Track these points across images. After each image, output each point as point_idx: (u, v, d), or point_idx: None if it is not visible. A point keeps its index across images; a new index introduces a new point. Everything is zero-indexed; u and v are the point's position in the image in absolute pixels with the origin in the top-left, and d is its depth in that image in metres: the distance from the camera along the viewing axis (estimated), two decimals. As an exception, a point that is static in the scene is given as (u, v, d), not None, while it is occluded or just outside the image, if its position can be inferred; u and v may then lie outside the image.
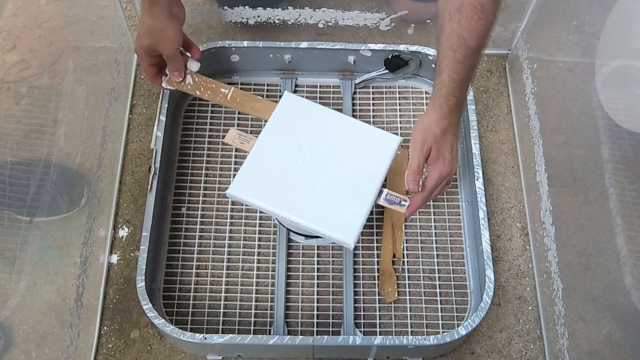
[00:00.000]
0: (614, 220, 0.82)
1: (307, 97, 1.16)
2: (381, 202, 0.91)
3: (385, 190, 0.91)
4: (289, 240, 1.05)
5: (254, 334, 0.98)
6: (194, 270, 1.03)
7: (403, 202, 0.90)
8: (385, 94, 1.17)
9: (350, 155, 0.93)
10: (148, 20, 0.90)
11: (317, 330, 0.99)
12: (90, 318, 0.99)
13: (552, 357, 0.97)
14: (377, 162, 0.92)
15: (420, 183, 0.87)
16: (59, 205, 0.96)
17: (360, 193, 0.90)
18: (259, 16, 1.17)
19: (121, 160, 1.12)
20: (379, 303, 1.01)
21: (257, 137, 0.94)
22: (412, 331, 0.99)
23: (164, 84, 0.99)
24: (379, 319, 1.00)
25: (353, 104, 1.15)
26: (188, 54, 0.98)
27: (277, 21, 1.18)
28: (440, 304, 1.01)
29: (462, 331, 0.91)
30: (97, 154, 1.04)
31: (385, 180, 0.94)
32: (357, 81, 1.16)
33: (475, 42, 0.81)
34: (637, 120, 0.80)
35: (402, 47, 1.11)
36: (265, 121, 0.96)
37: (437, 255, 1.04)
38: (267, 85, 1.17)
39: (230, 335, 0.89)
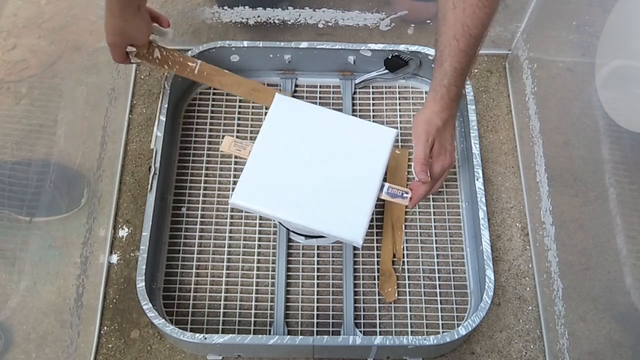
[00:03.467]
0: (614, 220, 0.82)
1: (307, 97, 1.16)
2: (383, 196, 0.91)
3: (387, 184, 0.91)
4: (289, 240, 1.04)
5: (254, 334, 0.98)
6: (194, 270, 1.03)
7: (405, 195, 0.90)
8: (385, 94, 1.17)
9: (348, 152, 0.93)
10: (118, 22, 0.90)
11: (317, 330, 0.99)
12: (90, 318, 0.99)
13: (552, 357, 0.97)
14: (375, 157, 0.92)
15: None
16: (59, 205, 0.96)
17: (362, 189, 0.90)
18: (259, 16, 1.17)
19: (121, 160, 1.12)
20: (379, 303, 1.01)
21: (253, 142, 0.94)
22: (412, 331, 0.99)
23: (131, 59, 0.98)
24: (379, 319, 1.00)
25: (353, 104, 1.15)
26: (156, 25, 0.98)
27: (277, 21, 1.18)
28: (440, 304, 1.01)
29: (462, 331, 0.91)
30: (97, 154, 1.04)
31: (385, 177, 0.94)
32: (357, 81, 1.16)
33: (478, 30, 0.81)
34: (637, 120, 0.80)
35: (402, 47, 1.11)
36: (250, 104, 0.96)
37: (437, 255, 1.04)
38: (267, 85, 1.17)
39: (230, 335, 0.89)
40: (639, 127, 0.80)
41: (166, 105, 1.06)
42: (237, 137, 1.07)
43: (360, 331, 0.98)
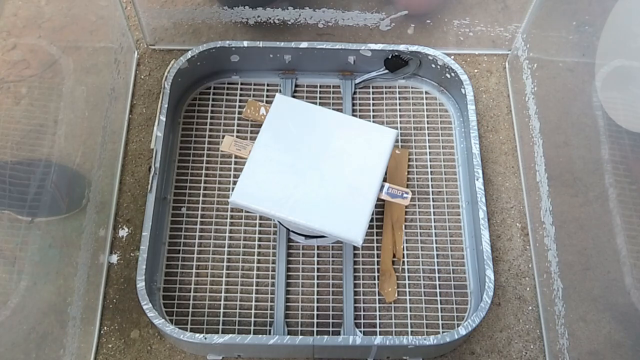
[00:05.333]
0: (614, 220, 0.82)
1: (307, 97, 1.16)
2: (383, 196, 0.91)
3: (387, 184, 0.91)
4: (289, 240, 1.05)
5: (254, 334, 0.98)
6: (194, 270, 1.03)
7: (405, 195, 0.91)
8: (385, 94, 1.17)
9: (348, 152, 0.93)
10: None
11: (317, 330, 0.99)
12: (90, 318, 0.99)
13: (552, 357, 0.97)
14: (375, 157, 0.93)
15: None
16: (59, 205, 0.96)
17: (362, 189, 0.90)
18: (259, 16, 1.17)
19: (121, 160, 1.12)
20: (379, 303, 1.01)
21: (253, 142, 0.94)
22: (412, 331, 0.99)
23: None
24: (379, 319, 1.00)
25: (353, 104, 1.15)
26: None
27: (277, 21, 1.18)
28: (440, 304, 1.01)
29: (462, 331, 0.91)
30: (97, 154, 1.03)
31: (385, 177, 0.94)
32: (357, 81, 1.16)
33: None
34: (637, 120, 0.80)
35: (402, 47, 1.11)
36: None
37: (437, 255, 1.04)
38: (267, 85, 1.17)
39: (230, 335, 0.89)
40: (639, 127, 0.80)
41: (166, 105, 1.06)
42: (237, 137, 1.07)
43: (360, 331, 0.98)
